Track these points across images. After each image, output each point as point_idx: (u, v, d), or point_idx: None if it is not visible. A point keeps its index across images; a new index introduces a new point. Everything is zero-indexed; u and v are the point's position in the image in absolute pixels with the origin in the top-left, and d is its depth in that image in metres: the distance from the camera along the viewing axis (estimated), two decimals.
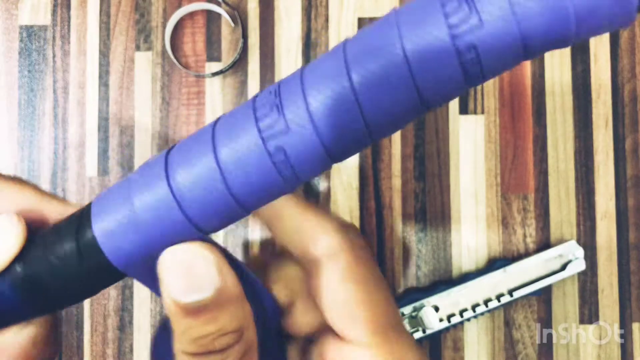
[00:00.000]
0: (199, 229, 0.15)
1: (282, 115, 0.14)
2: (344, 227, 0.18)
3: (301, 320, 0.19)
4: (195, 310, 0.15)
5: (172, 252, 0.15)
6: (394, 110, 0.13)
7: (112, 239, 0.15)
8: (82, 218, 0.16)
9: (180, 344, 0.15)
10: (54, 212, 0.18)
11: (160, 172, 0.15)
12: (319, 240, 0.17)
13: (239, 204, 0.15)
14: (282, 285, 0.19)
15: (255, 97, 0.15)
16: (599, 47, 0.38)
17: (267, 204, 0.15)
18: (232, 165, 0.14)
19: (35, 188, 0.18)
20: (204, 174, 0.14)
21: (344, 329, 0.17)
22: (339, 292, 0.17)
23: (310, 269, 0.18)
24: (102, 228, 0.15)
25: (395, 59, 0.13)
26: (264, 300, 0.18)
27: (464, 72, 0.13)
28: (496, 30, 0.12)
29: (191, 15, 0.39)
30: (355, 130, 0.14)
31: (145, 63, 0.39)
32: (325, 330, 0.18)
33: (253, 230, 0.38)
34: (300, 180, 0.15)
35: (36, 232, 0.17)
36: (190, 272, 0.15)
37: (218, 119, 0.15)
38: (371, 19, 0.39)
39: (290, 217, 0.18)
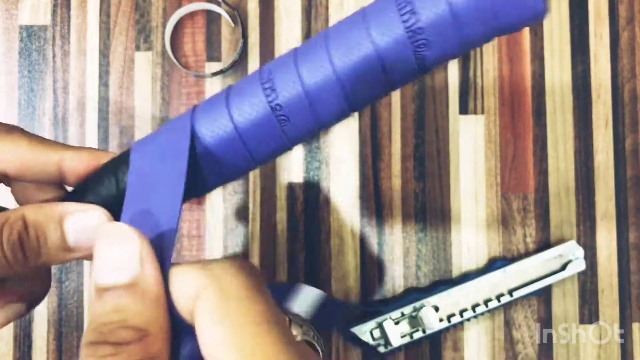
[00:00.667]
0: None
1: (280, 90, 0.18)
2: (208, 264, 0.16)
3: None
4: (107, 293, 0.15)
5: (106, 228, 0.16)
6: (369, 90, 0.18)
7: None
8: (121, 163, 0.19)
9: (85, 334, 0.15)
10: (47, 158, 0.20)
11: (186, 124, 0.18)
12: (184, 287, 0.16)
13: (253, 159, 0.18)
14: None
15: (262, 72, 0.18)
16: (599, 47, 0.38)
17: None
18: (246, 123, 0.18)
19: (29, 136, 0.20)
20: (223, 132, 0.18)
21: None
22: (209, 336, 0.15)
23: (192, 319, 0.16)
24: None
25: (368, 51, 0.17)
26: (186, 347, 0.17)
27: (417, 60, 0.17)
28: (435, 25, 0.16)
29: (191, 15, 0.39)
30: (337, 104, 0.18)
31: (145, 63, 0.39)
32: None
33: (253, 234, 0.38)
34: (298, 136, 0.18)
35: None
36: (115, 254, 0.15)
37: (230, 87, 0.19)
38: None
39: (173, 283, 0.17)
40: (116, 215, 0.19)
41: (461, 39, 0.16)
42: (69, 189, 0.21)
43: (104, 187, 0.19)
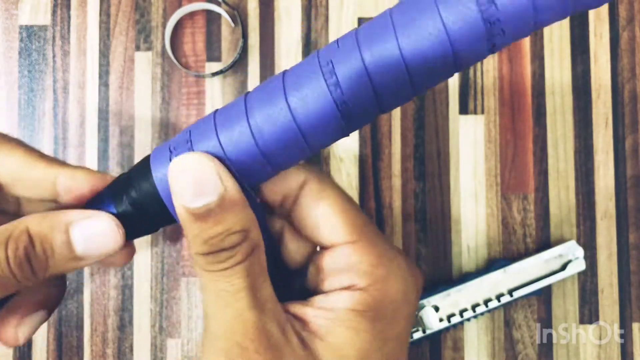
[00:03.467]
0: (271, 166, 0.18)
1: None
2: (308, 168, 0.20)
3: (293, 250, 0.21)
4: (203, 214, 0.17)
5: (177, 162, 0.17)
6: (434, 74, 0.17)
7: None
8: (142, 169, 0.19)
9: (194, 247, 0.17)
10: (42, 173, 0.20)
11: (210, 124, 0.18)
12: (289, 180, 0.20)
13: (307, 144, 0.18)
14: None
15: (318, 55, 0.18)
16: (599, 47, 0.38)
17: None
18: (301, 109, 0.17)
19: (26, 149, 0.20)
20: (278, 118, 0.17)
21: (327, 237, 0.20)
22: (315, 209, 0.20)
23: (290, 204, 0.20)
24: (159, 177, 0.18)
25: (439, 37, 0.16)
26: (261, 218, 0.19)
27: (489, 47, 0.16)
28: (514, 16, 0.16)
29: (191, 15, 0.39)
30: (402, 88, 0.17)
31: (145, 63, 0.39)
32: (314, 252, 0.21)
33: None
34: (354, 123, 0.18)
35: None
36: (196, 180, 0.17)
37: (284, 73, 0.18)
38: (371, 19, 0.39)
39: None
40: (130, 231, 0.19)
41: (536, 23, 0.16)
42: None
43: (119, 200, 0.19)
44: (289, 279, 0.22)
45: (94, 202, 0.20)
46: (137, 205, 0.19)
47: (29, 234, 0.17)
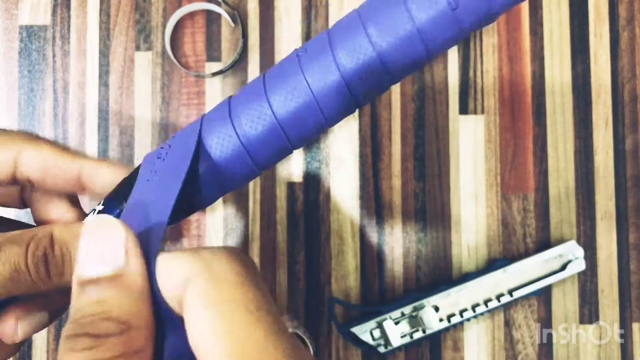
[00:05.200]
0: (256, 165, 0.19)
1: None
2: (198, 251, 0.15)
3: None
4: (90, 285, 0.14)
5: (92, 220, 0.15)
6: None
7: None
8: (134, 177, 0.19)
9: (65, 327, 0.14)
10: (69, 167, 0.20)
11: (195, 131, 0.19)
12: (174, 273, 0.15)
13: (287, 139, 0.19)
14: None
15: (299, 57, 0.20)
16: (599, 47, 0.38)
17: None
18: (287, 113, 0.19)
19: (52, 145, 0.20)
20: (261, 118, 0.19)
21: None
22: (198, 320, 0.14)
23: (180, 307, 0.15)
24: None
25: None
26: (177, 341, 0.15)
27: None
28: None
29: (191, 15, 0.39)
30: (376, 74, 0.19)
31: (145, 63, 0.39)
32: None
33: (253, 234, 0.38)
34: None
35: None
36: (99, 246, 0.15)
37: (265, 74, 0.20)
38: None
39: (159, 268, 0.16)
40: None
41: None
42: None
43: (120, 203, 0.20)
44: None
45: (110, 199, 0.20)
46: None
47: (52, 237, 0.17)
